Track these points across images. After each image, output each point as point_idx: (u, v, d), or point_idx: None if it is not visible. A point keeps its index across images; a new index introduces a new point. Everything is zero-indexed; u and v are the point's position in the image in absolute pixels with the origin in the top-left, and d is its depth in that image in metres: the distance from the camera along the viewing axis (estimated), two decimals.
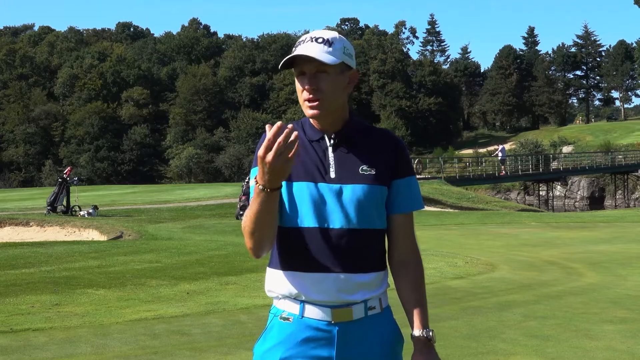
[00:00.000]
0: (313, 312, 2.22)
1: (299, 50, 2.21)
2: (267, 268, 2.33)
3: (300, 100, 2.27)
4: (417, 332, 2.25)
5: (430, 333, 2.25)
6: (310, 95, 2.21)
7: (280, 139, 1.97)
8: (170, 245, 14.55)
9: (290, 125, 2.01)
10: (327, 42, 2.22)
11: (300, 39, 2.26)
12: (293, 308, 2.24)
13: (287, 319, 2.25)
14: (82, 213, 22.82)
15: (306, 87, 2.22)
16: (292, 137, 1.98)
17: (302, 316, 2.23)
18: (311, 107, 2.22)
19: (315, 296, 2.20)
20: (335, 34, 2.26)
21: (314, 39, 2.22)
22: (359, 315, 2.23)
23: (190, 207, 25.32)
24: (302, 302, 2.23)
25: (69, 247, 14.48)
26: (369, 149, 2.28)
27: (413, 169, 2.37)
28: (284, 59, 2.22)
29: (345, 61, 2.24)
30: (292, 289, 2.23)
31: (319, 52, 2.19)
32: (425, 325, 2.26)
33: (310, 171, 2.23)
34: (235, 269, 10.56)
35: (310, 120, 2.30)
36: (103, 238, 18.53)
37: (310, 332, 2.22)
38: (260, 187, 2.05)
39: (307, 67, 2.21)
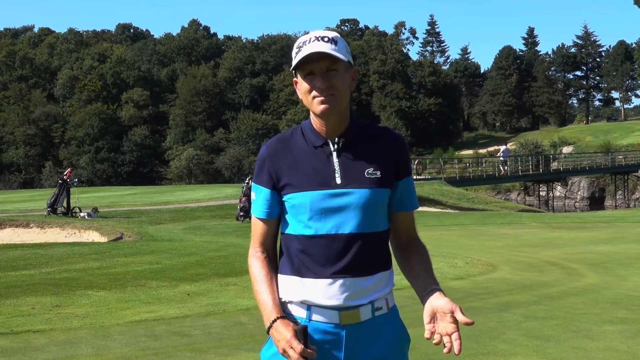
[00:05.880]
0: (320, 316, 2.21)
1: (310, 49, 2.17)
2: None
3: (307, 101, 2.23)
4: (435, 285, 2.28)
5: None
6: (324, 93, 2.18)
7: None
8: (170, 246, 14.53)
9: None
10: (332, 41, 2.20)
11: (303, 40, 2.23)
12: (300, 312, 2.24)
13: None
14: (82, 214, 22.82)
15: (319, 85, 2.18)
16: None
17: (310, 320, 2.22)
18: (322, 102, 2.19)
19: (323, 302, 2.20)
20: (335, 34, 2.25)
21: (319, 39, 2.20)
22: (366, 317, 2.23)
23: (190, 209, 25.29)
24: (310, 306, 2.22)
25: (69, 249, 14.47)
26: (373, 151, 2.27)
27: (411, 169, 2.38)
28: (299, 58, 2.18)
29: (349, 60, 2.25)
30: (299, 295, 2.23)
31: (331, 50, 2.18)
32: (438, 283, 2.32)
33: (316, 179, 2.22)
34: (235, 270, 10.54)
35: (313, 124, 2.28)
36: (103, 239, 18.52)
37: (318, 336, 2.21)
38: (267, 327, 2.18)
39: (317, 66, 2.18)
